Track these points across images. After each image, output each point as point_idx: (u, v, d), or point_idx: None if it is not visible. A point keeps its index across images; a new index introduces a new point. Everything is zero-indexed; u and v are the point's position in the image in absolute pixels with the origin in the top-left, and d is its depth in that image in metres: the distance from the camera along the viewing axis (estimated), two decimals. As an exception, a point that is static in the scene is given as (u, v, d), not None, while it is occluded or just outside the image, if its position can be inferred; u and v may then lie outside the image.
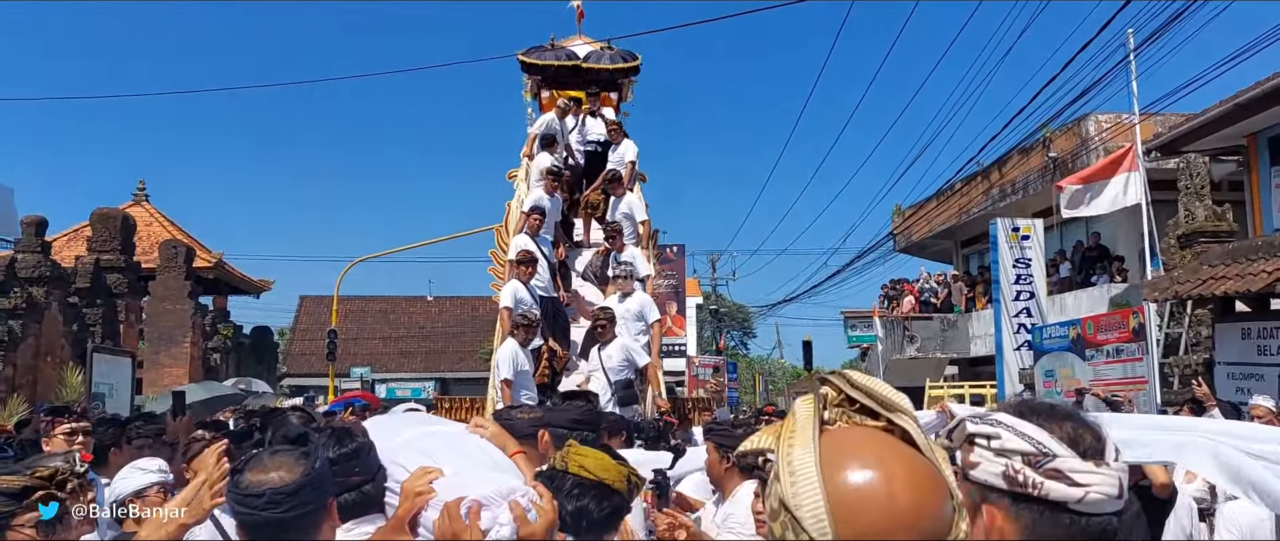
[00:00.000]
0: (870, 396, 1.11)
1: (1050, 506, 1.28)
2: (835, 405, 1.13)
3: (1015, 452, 1.31)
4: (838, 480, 0.99)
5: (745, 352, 72.56)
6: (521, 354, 8.31)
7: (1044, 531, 1.28)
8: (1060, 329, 12.06)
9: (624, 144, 11.92)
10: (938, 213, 25.59)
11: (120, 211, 21.85)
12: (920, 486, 1.00)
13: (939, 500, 1.01)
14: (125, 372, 12.51)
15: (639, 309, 8.94)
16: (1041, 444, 1.30)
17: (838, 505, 0.97)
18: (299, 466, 2.10)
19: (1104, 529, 1.31)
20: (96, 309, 19.21)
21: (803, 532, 0.98)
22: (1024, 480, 1.29)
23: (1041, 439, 1.31)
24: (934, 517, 1.00)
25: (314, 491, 2.09)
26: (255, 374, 29.13)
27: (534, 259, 9.34)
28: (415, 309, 50.21)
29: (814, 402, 1.11)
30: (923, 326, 24.10)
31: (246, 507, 2.06)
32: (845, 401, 1.12)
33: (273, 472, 2.08)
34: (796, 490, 0.99)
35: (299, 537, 2.07)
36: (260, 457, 2.18)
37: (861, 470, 1.00)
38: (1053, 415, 1.37)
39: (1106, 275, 19.20)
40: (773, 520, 1.03)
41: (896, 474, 1.00)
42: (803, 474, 1.00)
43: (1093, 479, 1.28)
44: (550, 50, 13.82)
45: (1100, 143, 18.72)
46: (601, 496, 2.40)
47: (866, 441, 1.05)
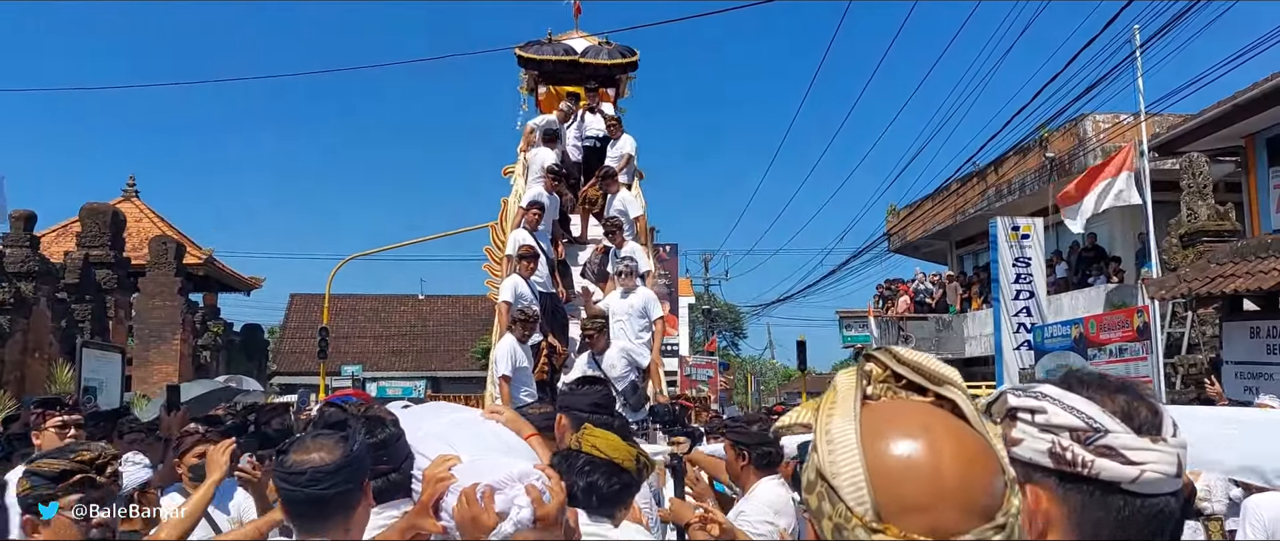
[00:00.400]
0: (917, 371, 1.02)
1: (1101, 487, 1.18)
2: (880, 381, 1.05)
3: (1062, 428, 1.20)
4: (879, 449, 0.91)
5: (736, 353, 72.60)
6: (520, 350, 8.17)
7: (1094, 514, 1.18)
8: (1062, 328, 11.97)
9: (623, 139, 11.81)
10: (933, 213, 25.53)
11: (110, 206, 21.62)
12: (969, 458, 0.91)
13: (989, 473, 0.92)
14: (115, 368, 12.33)
15: (642, 305, 8.80)
16: (1092, 418, 1.19)
17: (878, 474, 0.89)
18: (339, 448, 2.26)
19: (1161, 511, 1.20)
20: (85, 305, 18.99)
21: (840, 503, 0.90)
22: (1073, 458, 1.18)
23: (1092, 413, 1.19)
24: (984, 491, 0.91)
25: (352, 471, 2.25)
26: (245, 371, 28.87)
27: (535, 253, 9.21)
28: (406, 307, 50.05)
29: (856, 374, 1.04)
30: (917, 327, 24.03)
31: (290, 484, 2.23)
32: (891, 378, 1.04)
33: (314, 453, 2.23)
34: (835, 459, 0.92)
35: (336, 513, 2.24)
36: (303, 440, 2.34)
37: (905, 439, 0.91)
38: (1104, 386, 1.26)
39: (1103, 276, 19.15)
40: (808, 492, 0.95)
41: (943, 444, 0.91)
42: (841, 442, 0.93)
43: (1149, 457, 1.17)
44: (547, 45, 13.70)
45: (1098, 143, 18.67)
46: (611, 473, 2.53)
47: (911, 412, 0.97)
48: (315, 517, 2.23)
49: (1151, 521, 1.19)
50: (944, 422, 0.95)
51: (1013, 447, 1.22)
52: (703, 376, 34.30)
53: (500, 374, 8.08)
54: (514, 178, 12.21)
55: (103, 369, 11.94)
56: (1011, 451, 1.21)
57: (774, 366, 75.44)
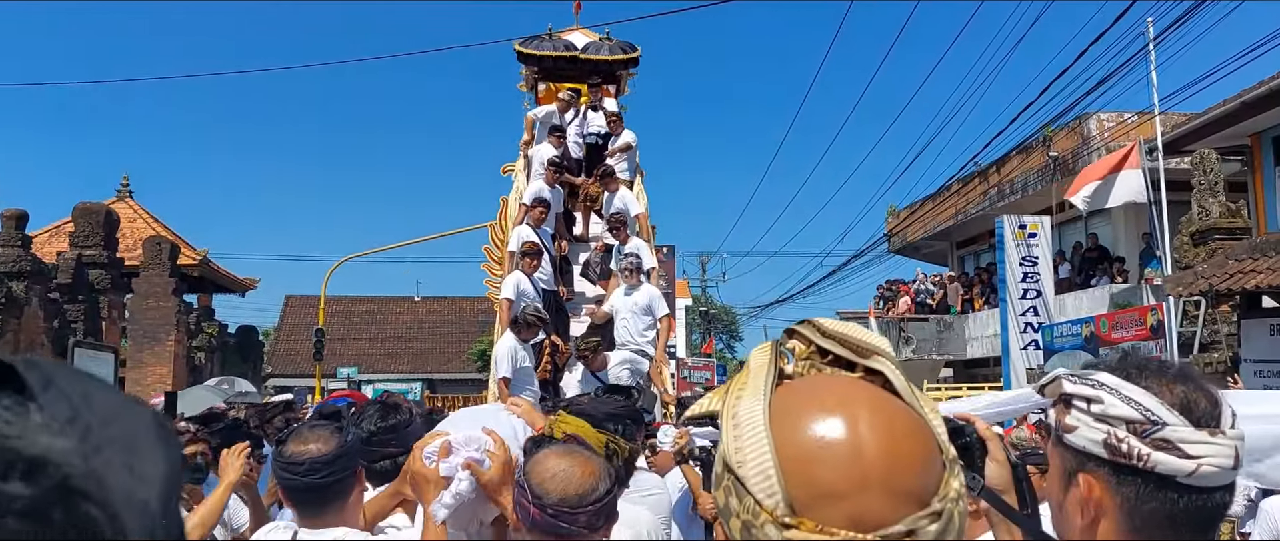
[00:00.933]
0: (843, 343, 0.88)
1: (1157, 480, 1.16)
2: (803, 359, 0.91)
3: (1119, 420, 1.18)
4: (790, 430, 0.77)
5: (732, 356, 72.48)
6: (521, 350, 7.95)
7: (1148, 506, 1.17)
8: (1072, 327, 11.78)
9: (624, 134, 11.64)
10: (933, 213, 25.37)
11: (104, 206, 21.38)
12: (897, 435, 0.77)
13: (922, 453, 0.77)
14: (108, 369, 12.08)
15: (647, 302, 8.59)
16: (1150, 411, 1.16)
17: (789, 459, 0.75)
18: (333, 439, 2.41)
19: (1217, 505, 1.18)
20: (78, 305, 18.76)
21: (747, 496, 0.75)
22: (1129, 450, 1.16)
23: (1150, 405, 1.17)
24: (915, 472, 0.76)
25: (346, 460, 2.40)
26: (240, 373, 28.61)
27: (539, 250, 9.01)
28: (402, 309, 49.80)
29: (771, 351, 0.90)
30: (918, 328, 23.85)
31: (289, 473, 2.36)
32: (815, 354, 0.90)
33: (311, 444, 2.38)
34: (741, 446, 0.77)
35: (334, 498, 2.39)
36: (300, 431, 2.48)
37: (821, 417, 0.77)
38: (1163, 375, 1.22)
39: (1107, 276, 18.99)
40: (716, 488, 0.81)
41: (864, 420, 0.76)
42: (748, 426, 0.78)
43: (1207, 450, 1.14)
44: (548, 41, 13.54)
45: (1102, 142, 18.52)
46: None
47: (830, 386, 0.83)
48: (314, 503, 2.38)
49: (1204, 514, 1.17)
50: (868, 396, 0.80)
51: (1067, 434, 1.23)
52: (700, 379, 34.07)
53: (500, 375, 7.85)
54: (515, 174, 12.03)
55: (94, 370, 11.66)
56: (1065, 437, 1.23)
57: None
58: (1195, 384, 1.23)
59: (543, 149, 11.05)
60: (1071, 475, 1.23)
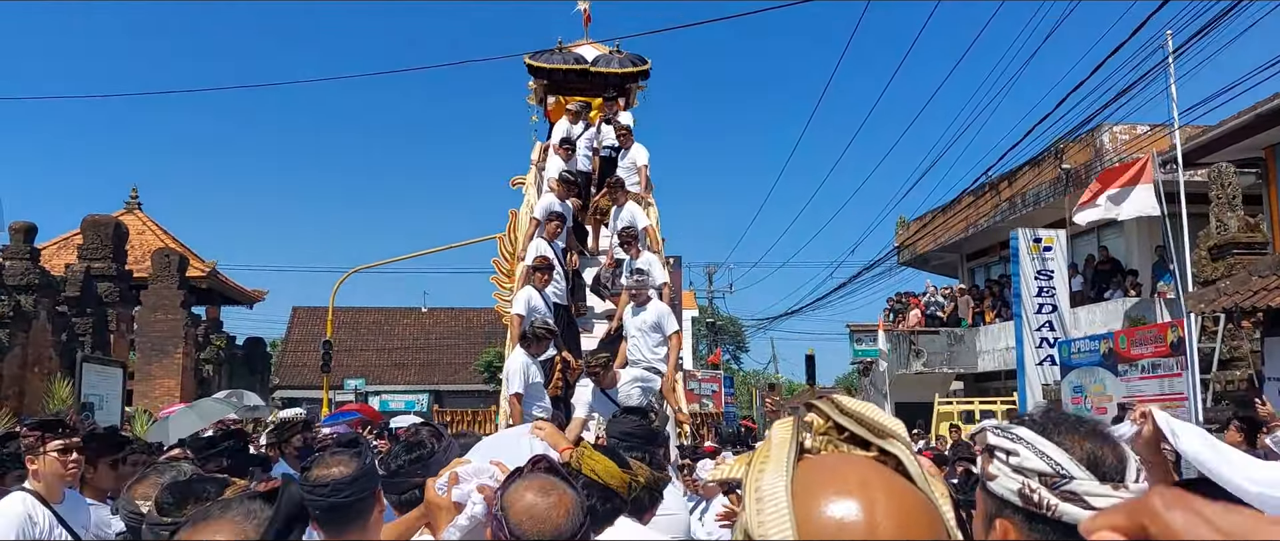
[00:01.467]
0: (861, 422, 0.97)
1: (1064, 528, 1.25)
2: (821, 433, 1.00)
3: (1032, 472, 1.28)
4: (811, 507, 0.84)
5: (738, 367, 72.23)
6: (533, 365, 7.84)
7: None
8: (1090, 343, 11.63)
9: (634, 148, 11.54)
10: (943, 225, 25.23)
11: (112, 218, 21.36)
12: (908, 519, 0.84)
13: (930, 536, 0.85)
14: (116, 384, 12.05)
15: (656, 319, 8.47)
16: (1060, 465, 1.27)
17: (809, 535, 0.82)
18: (354, 462, 2.64)
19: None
20: (86, 318, 18.70)
21: None
22: (1039, 500, 1.27)
23: (1060, 460, 1.28)
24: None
25: (366, 480, 2.63)
26: (248, 385, 28.53)
27: (551, 265, 8.91)
28: (409, 320, 49.77)
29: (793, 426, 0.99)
30: (929, 341, 23.70)
31: (315, 495, 2.52)
32: (832, 429, 0.99)
33: (334, 468, 2.60)
34: (763, 520, 0.84)
35: (355, 517, 2.60)
36: (323, 458, 2.72)
37: (840, 498, 0.84)
38: (1076, 431, 1.33)
39: (1120, 289, 18.84)
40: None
41: (880, 503, 0.83)
42: (771, 500, 0.85)
43: (1109, 503, 1.23)
44: (557, 54, 13.48)
45: (1115, 155, 18.38)
46: (606, 497, 2.70)
47: (849, 467, 0.91)
48: (338, 520, 2.59)
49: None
50: (884, 480, 0.88)
51: (989, 481, 1.33)
52: (707, 391, 33.95)
53: (512, 391, 7.73)
54: (525, 188, 11.95)
55: (102, 384, 11.66)
56: (988, 484, 1.33)
57: (777, 380, 75.17)
58: (1104, 440, 1.34)
59: (555, 161, 10.97)
60: (991, 519, 1.32)
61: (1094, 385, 11.25)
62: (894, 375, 23.94)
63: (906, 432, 0.97)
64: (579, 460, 2.75)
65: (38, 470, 4.30)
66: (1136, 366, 10.44)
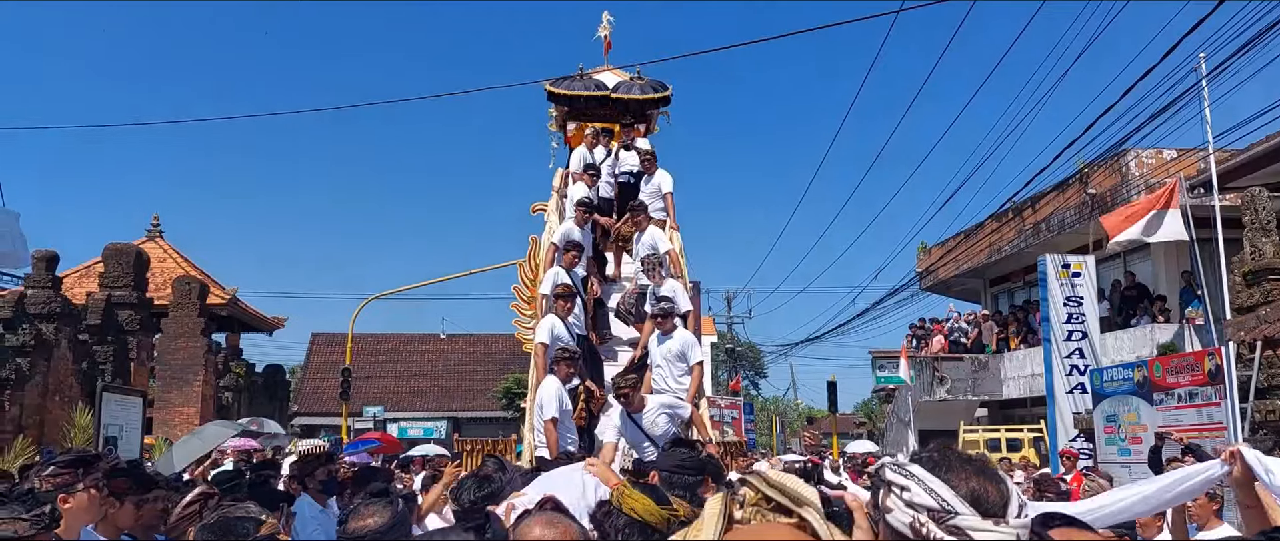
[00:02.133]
0: (783, 493, 1.28)
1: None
2: (752, 504, 1.30)
3: (922, 507, 1.38)
4: None
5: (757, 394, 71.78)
6: (564, 392, 7.71)
7: None
8: (1123, 371, 11.37)
9: (658, 174, 11.43)
10: (965, 251, 25.01)
11: (134, 247, 21.40)
12: None
13: None
14: (136, 413, 11.97)
15: (681, 348, 8.31)
16: (946, 501, 1.38)
17: None
18: (386, 512, 2.86)
19: None
20: (107, 346, 18.69)
21: None
22: (927, 534, 1.36)
23: (946, 496, 1.38)
24: None
25: (400, 528, 2.85)
26: (267, 413, 28.57)
27: (574, 293, 8.79)
28: (428, 347, 49.70)
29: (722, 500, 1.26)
30: (953, 367, 23.42)
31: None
32: (762, 500, 1.30)
33: (369, 519, 2.82)
34: None
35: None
36: (359, 509, 2.95)
37: None
38: (964, 469, 1.44)
39: (1148, 316, 18.56)
40: None
41: None
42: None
43: (989, 537, 1.35)
44: (578, 80, 13.43)
45: (1141, 179, 18.17)
46: (646, 535, 2.74)
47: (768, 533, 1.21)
48: None
49: None
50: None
51: (886, 514, 1.44)
52: (728, 418, 33.68)
53: (547, 417, 7.55)
54: (547, 214, 11.85)
55: (123, 414, 11.58)
56: (886, 516, 1.44)
57: (797, 407, 74.61)
58: (990, 478, 1.43)
59: (576, 187, 10.88)
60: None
61: (1128, 414, 11.00)
62: (918, 402, 23.65)
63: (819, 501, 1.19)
64: (619, 499, 2.80)
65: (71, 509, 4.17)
66: (1172, 395, 10.19)
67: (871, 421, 52.49)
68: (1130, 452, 10.79)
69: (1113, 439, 11.33)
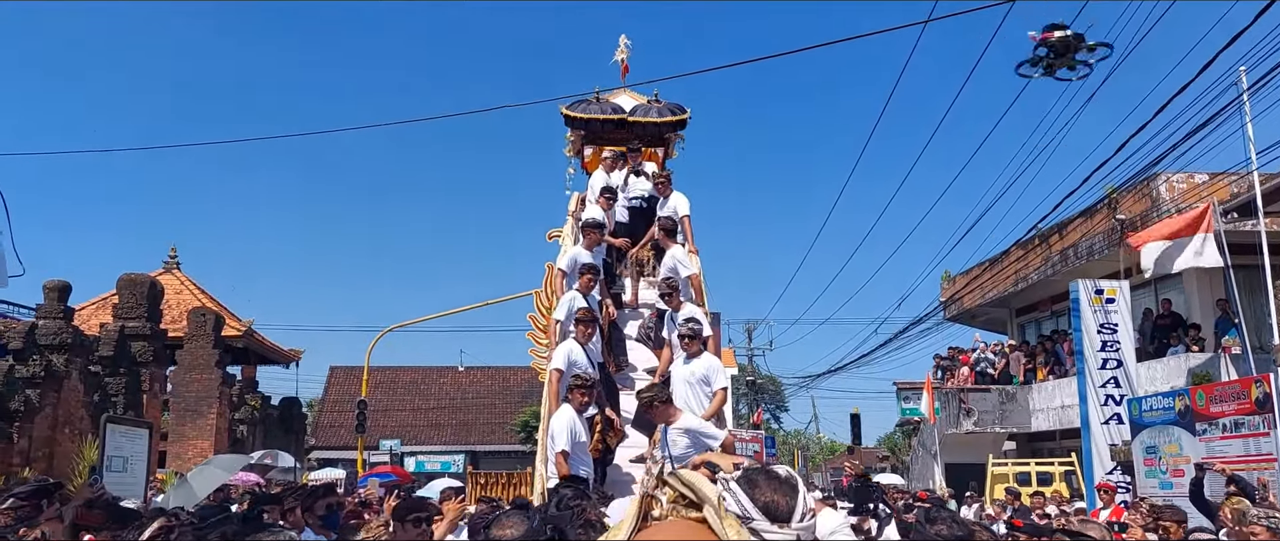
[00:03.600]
0: (693, 491, 1.65)
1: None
2: (672, 502, 1.67)
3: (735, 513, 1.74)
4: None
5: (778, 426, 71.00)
6: (579, 422, 7.33)
7: None
8: (1163, 399, 10.89)
9: (673, 197, 11.11)
10: (990, 280, 24.53)
11: (148, 277, 21.24)
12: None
13: None
14: (142, 444, 11.67)
15: (705, 373, 7.93)
16: (745, 509, 1.75)
17: None
18: (524, 523, 2.99)
19: None
20: (119, 378, 18.47)
21: None
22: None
23: (745, 504, 1.76)
24: None
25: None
26: (283, 446, 28.30)
27: (593, 317, 8.43)
28: (446, 379, 49.44)
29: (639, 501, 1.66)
30: (979, 399, 22.87)
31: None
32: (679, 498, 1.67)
33: (508, 530, 2.96)
34: None
35: None
36: (500, 518, 3.12)
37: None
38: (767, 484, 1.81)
39: (1182, 344, 18.01)
40: None
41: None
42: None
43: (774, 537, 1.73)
44: (595, 104, 13.16)
45: (1172, 204, 17.70)
46: None
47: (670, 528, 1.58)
48: None
49: None
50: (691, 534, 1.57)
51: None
52: (750, 451, 33.03)
53: (558, 449, 7.18)
54: (561, 240, 11.54)
55: (128, 445, 11.28)
56: None
57: (819, 440, 73.76)
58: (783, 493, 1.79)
59: (589, 210, 10.58)
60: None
61: (1168, 445, 10.50)
62: (944, 435, 23.10)
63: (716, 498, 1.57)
64: None
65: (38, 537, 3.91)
66: (1217, 425, 9.71)
67: (895, 454, 51.69)
68: (1172, 485, 10.28)
69: (1153, 471, 10.83)
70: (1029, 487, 17.25)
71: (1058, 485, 18.12)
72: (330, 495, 7.23)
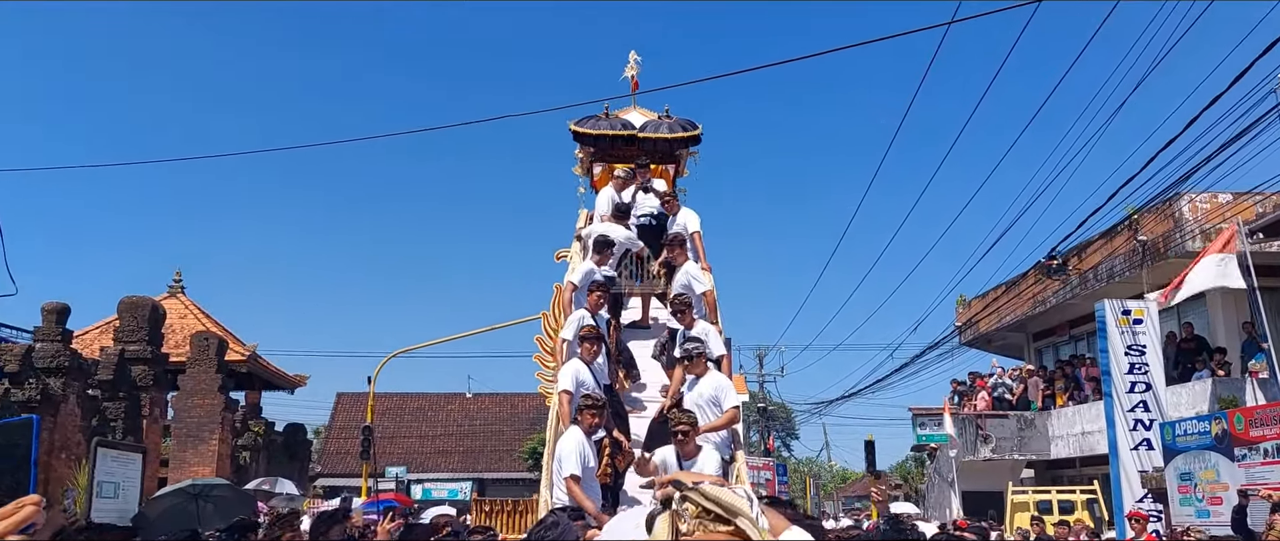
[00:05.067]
0: (720, 506, 1.50)
1: None
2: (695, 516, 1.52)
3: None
4: None
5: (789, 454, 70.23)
6: (588, 446, 6.91)
7: None
8: (1199, 424, 10.42)
9: (682, 213, 10.75)
10: (1007, 304, 24.04)
11: (150, 300, 20.88)
12: None
13: None
14: (135, 469, 11.28)
15: (713, 393, 7.52)
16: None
17: None
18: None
19: None
20: (118, 402, 18.10)
21: None
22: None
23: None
24: None
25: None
26: (287, 473, 27.85)
27: (599, 336, 8.03)
28: (453, 406, 48.95)
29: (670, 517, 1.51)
30: (997, 425, 22.33)
31: None
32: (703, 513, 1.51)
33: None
34: None
35: None
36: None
37: None
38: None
39: (1207, 369, 17.50)
40: None
41: None
42: None
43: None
44: (604, 119, 12.82)
45: (1195, 224, 17.25)
46: None
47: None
48: None
49: None
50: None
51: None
52: (762, 479, 32.57)
53: (567, 474, 6.73)
54: (569, 258, 11.16)
55: (119, 470, 10.89)
56: None
57: (831, 468, 72.97)
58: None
59: (596, 226, 10.22)
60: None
61: (1205, 471, 10.02)
62: (961, 462, 22.55)
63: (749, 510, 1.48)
64: None
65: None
66: (1258, 450, 9.24)
67: (908, 482, 50.95)
68: (1209, 514, 9.80)
69: (1188, 499, 10.34)
70: (1051, 516, 16.72)
71: (1080, 513, 17.58)
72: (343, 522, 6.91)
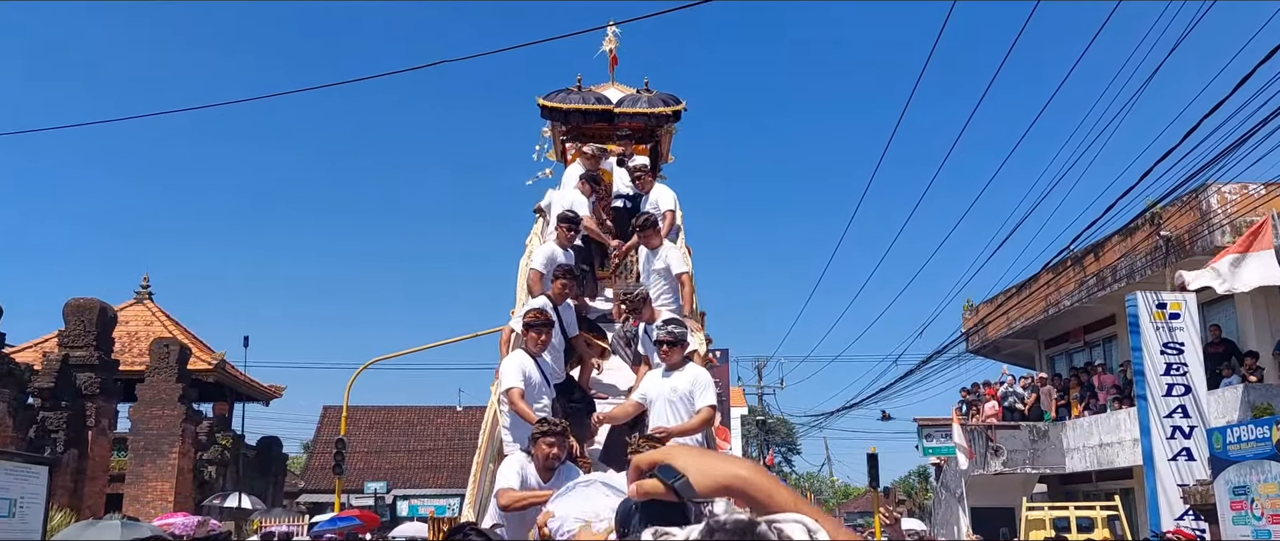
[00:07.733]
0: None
1: None
2: None
3: None
4: None
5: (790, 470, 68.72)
6: (532, 363, 6.36)
7: None
8: (1255, 429, 9.06)
9: (655, 190, 9.47)
10: (1016, 308, 22.65)
11: (97, 302, 19.43)
12: None
13: None
14: (38, 484, 9.90)
15: (689, 388, 6.17)
16: None
17: None
18: None
19: None
20: (60, 412, 16.71)
21: None
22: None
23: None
24: None
25: None
26: (260, 489, 26.43)
27: (549, 322, 6.67)
28: (443, 419, 47.53)
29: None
30: (1008, 437, 20.91)
31: None
32: None
33: None
34: None
35: None
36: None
37: None
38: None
39: (1237, 374, 16.12)
40: None
41: None
42: None
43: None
44: (577, 93, 11.52)
45: (1224, 218, 15.90)
46: None
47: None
48: None
49: None
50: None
51: None
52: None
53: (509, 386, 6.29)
54: (528, 241, 9.84)
55: (15, 485, 9.52)
56: None
57: (832, 484, 71.45)
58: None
59: (563, 195, 8.96)
60: None
61: (1263, 484, 8.66)
62: (970, 476, 21.14)
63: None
64: None
65: None
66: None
67: (912, 498, 49.46)
68: (1270, 534, 8.43)
69: (1243, 516, 8.96)
70: (1069, 534, 15.35)
71: (1101, 531, 16.21)
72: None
